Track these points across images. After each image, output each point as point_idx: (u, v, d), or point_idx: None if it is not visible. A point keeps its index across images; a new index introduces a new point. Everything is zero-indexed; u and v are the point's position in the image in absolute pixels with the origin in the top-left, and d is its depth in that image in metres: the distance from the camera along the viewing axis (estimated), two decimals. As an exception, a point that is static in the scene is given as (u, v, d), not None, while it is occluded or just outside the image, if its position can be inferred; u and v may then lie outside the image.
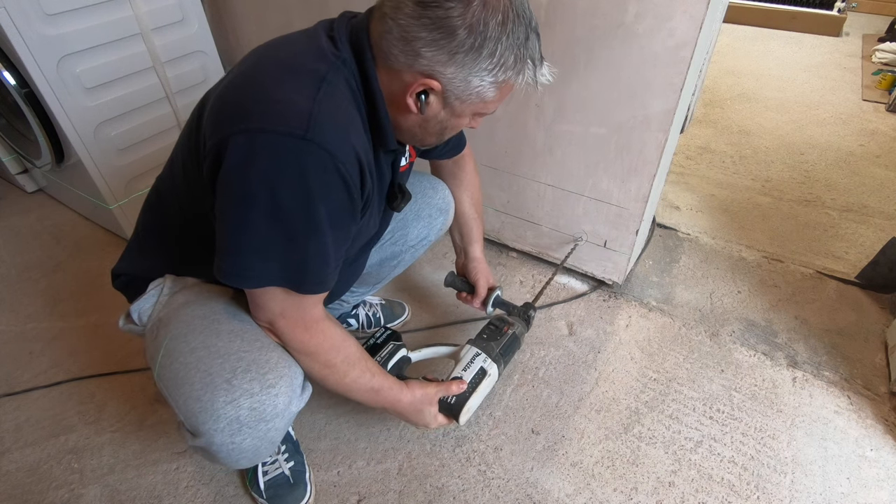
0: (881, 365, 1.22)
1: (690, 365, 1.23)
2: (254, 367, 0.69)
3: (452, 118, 0.70)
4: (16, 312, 1.38)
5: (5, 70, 1.24)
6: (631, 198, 1.22)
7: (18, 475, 1.03)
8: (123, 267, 0.87)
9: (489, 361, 0.97)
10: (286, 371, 0.72)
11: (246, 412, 0.67)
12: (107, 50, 1.36)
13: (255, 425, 0.69)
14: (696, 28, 0.94)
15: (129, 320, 0.81)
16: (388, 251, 1.09)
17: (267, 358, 0.71)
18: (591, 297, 1.42)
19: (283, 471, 0.97)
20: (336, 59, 0.65)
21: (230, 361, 0.69)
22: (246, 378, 0.68)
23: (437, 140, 0.77)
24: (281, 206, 0.61)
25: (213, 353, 0.69)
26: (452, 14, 0.59)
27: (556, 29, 1.08)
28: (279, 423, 0.72)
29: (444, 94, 0.66)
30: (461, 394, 0.92)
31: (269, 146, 0.59)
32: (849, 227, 1.68)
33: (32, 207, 1.78)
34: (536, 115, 1.23)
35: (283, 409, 0.71)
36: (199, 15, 1.56)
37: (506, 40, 0.62)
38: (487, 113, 0.72)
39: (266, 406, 0.69)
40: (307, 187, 0.60)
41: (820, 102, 2.47)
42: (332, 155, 0.60)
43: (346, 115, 0.65)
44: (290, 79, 0.63)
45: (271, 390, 0.69)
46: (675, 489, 1.00)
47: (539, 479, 1.02)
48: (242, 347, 0.70)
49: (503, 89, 0.67)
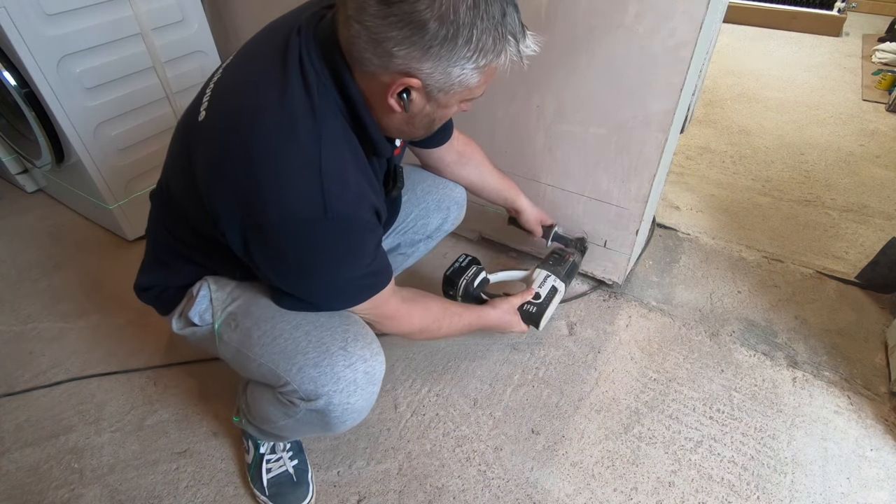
0: (881, 365, 1.22)
1: (690, 365, 1.23)
2: (360, 337, 0.77)
3: (439, 110, 0.69)
4: (16, 312, 1.38)
5: (5, 70, 1.24)
6: (631, 198, 1.22)
7: (18, 475, 1.03)
8: (150, 280, 0.88)
9: (558, 281, 1.16)
10: (378, 343, 0.80)
11: (361, 375, 0.75)
12: (107, 50, 1.36)
13: (367, 387, 0.76)
14: (696, 28, 0.94)
15: (188, 323, 0.84)
16: (408, 238, 1.13)
17: (366, 331, 0.79)
18: (591, 297, 1.42)
19: (287, 469, 0.98)
20: (317, 94, 0.63)
21: (339, 333, 0.76)
22: (358, 346, 0.75)
23: (427, 132, 0.77)
24: (326, 272, 0.69)
25: (319, 326, 0.76)
26: (419, 7, 0.55)
27: (556, 29, 1.08)
28: (379, 387, 0.80)
29: (426, 90, 0.63)
30: (540, 305, 1.10)
31: (300, 234, 0.63)
32: (849, 227, 1.68)
33: (32, 207, 1.78)
34: (536, 115, 1.23)
35: (382, 375, 0.79)
36: (199, 15, 1.56)
37: (481, 23, 0.58)
38: (475, 97, 0.70)
39: (376, 370, 0.77)
40: (347, 253, 0.68)
41: (820, 102, 2.47)
42: (355, 221, 0.66)
43: (349, 168, 0.66)
44: (288, 150, 0.62)
45: (379, 357, 0.78)
46: (675, 489, 1.00)
47: (539, 479, 1.02)
48: (345, 322, 0.78)
49: (487, 72, 0.65)
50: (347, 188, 0.65)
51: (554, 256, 1.22)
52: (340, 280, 0.72)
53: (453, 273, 1.11)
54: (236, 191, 0.63)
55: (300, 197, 0.62)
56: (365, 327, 0.80)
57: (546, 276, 1.15)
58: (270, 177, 0.61)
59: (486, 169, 1.17)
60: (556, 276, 1.16)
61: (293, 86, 0.63)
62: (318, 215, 0.62)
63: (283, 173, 0.62)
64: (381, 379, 0.79)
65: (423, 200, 1.11)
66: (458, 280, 1.09)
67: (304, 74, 0.63)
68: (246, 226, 0.64)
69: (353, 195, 0.66)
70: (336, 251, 0.67)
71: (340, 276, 0.71)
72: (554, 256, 1.22)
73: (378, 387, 0.79)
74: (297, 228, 0.63)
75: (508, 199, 1.22)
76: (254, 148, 0.62)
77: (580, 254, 1.27)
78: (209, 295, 0.83)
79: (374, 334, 0.81)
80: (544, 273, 1.16)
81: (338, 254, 0.68)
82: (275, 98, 0.62)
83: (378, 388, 0.79)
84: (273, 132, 0.62)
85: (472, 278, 1.10)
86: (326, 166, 0.62)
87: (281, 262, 0.68)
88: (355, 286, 0.75)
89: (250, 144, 0.62)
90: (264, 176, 0.62)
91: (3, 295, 1.44)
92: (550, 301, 1.12)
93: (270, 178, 0.61)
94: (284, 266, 0.69)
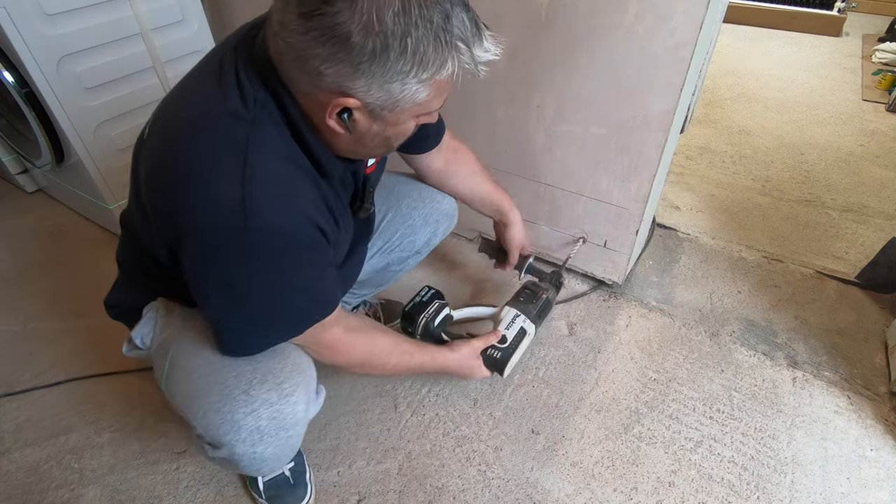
0: (881, 365, 1.22)
1: (690, 365, 1.23)
2: (270, 376, 0.69)
3: (390, 128, 0.62)
4: (16, 312, 1.38)
5: (5, 70, 1.24)
6: (631, 198, 1.22)
7: (18, 475, 1.03)
8: (114, 298, 0.87)
9: (528, 322, 1.05)
10: (301, 378, 0.72)
11: (266, 422, 0.68)
12: (107, 50, 1.36)
13: (276, 434, 0.69)
14: (696, 28, 0.94)
15: (132, 346, 0.83)
16: (396, 256, 1.09)
17: (281, 367, 0.71)
18: (591, 297, 1.42)
19: (283, 471, 0.97)
20: (254, 104, 0.59)
21: (245, 373, 0.69)
22: (263, 388, 0.68)
23: (388, 150, 0.70)
24: (258, 293, 0.62)
25: (227, 364, 0.69)
26: (340, 19, 0.49)
27: (556, 29, 1.08)
28: (299, 429, 0.73)
29: (367, 109, 0.57)
30: (505, 350, 1.00)
31: (221, 246, 0.58)
32: (849, 227, 1.68)
33: (32, 207, 1.78)
34: (536, 115, 1.23)
35: (302, 417, 0.72)
36: (199, 15, 1.56)
37: (416, 31, 0.50)
38: (433, 111, 0.63)
39: (285, 415, 0.69)
40: (273, 270, 0.60)
41: (820, 102, 2.47)
42: (282, 234, 0.59)
43: (281, 178, 0.60)
44: (214, 158, 0.58)
45: (289, 399, 0.69)
46: (675, 489, 1.00)
47: (539, 479, 1.02)
48: (257, 358, 0.70)
49: (437, 85, 0.57)
50: (277, 197, 0.59)
51: (525, 292, 1.12)
52: (271, 304, 0.64)
53: (413, 309, 1.02)
54: (164, 199, 0.61)
55: (219, 203, 0.56)
56: (282, 362, 0.72)
57: (515, 316, 1.05)
58: (193, 182, 0.58)
59: (476, 178, 1.07)
60: (526, 315, 1.06)
61: (229, 97, 0.59)
62: (237, 224, 0.56)
63: (204, 177, 0.57)
64: (297, 421, 0.72)
65: (410, 217, 1.05)
66: (418, 317, 1.00)
67: (240, 86, 0.59)
68: (173, 237, 0.61)
69: (283, 206, 0.59)
70: (261, 268, 0.60)
71: (271, 299, 0.64)
72: (525, 292, 1.12)
73: (295, 430, 0.72)
74: (215, 239, 0.58)
75: (500, 210, 1.10)
76: (181, 153, 0.59)
77: (555, 289, 1.16)
78: (155, 318, 0.79)
79: (298, 367, 0.73)
80: (513, 312, 1.06)
81: (263, 272, 0.60)
82: (209, 107, 0.60)
83: (295, 431, 0.72)
84: (202, 138, 0.59)
85: (434, 315, 1.01)
86: (251, 172, 0.57)
87: (202, 279, 0.62)
88: (290, 313, 0.67)
89: (178, 150, 0.60)
90: (187, 181, 0.58)
91: (3, 295, 1.44)
92: (517, 345, 1.02)
93: (193, 183, 0.58)
94: (206, 285, 0.63)
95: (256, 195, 0.57)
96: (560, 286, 1.18)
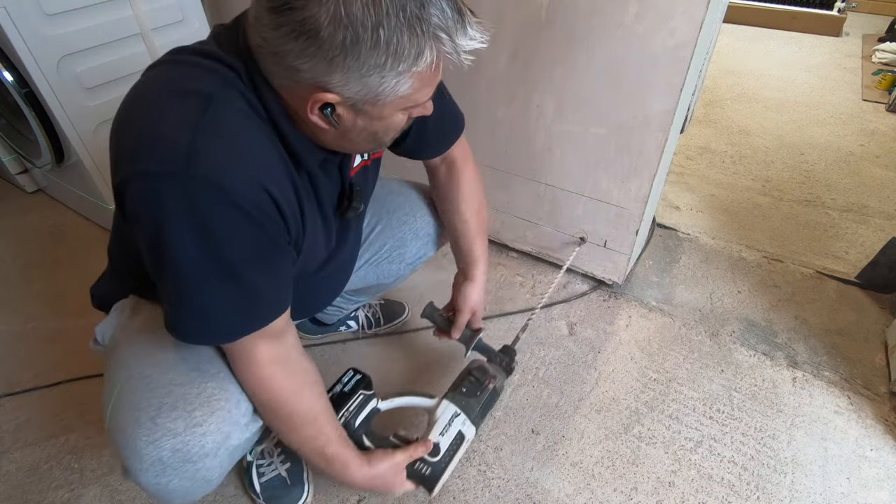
0: (881, 365, 1.22)
1: (690, 365, 1.23)
2: (181, 402, 0.62)
3: (376, 122, 0.58)
4: (16, 312, 1.38)
5: (5, 70, 1.24)
6: (631, 198, 1.22)
7: (18, 475, 1.03)
8: (98, 288, 0.83)
9: (468, 424, 0.88)
10: (221, 405, 0.64)
11: (168, 453, 0.61)
12: (107, 50, 1.36)
13: (181, 466, 0.62)
14: (696, 28, 0.94)
15: (96, 341, 0.79)
16: (385, 269, 1.03)
17: (199, 391, 0.63)
18: (591, 297, 1.42)
19: (280, 472, 0.97)
20: (228, 73, 0.56)
21: (158, 395, 0.62)
22: (171, 416, 0.61)
23: (378, 145, 0.65)
24: (183, 255, 0.54)
25: (145, 384, 0.63)
26: (308, 13, 0.48)
27: (556, 29, 1.08)
28: (211, 461, 0.65)
29: (348, 104, 0.54)
30: (437, 464, 0.83)
31: (153, 191, 0.52)
32: (849, 227, 1.68)
33: (32, 207, 1.78)
34: (536, 115, 1.23)
35: (216, 448, 0.64)
36: (199, 15, 1.56)
37: (388, 21, 0.48)
38: (421, 103, 0.59)
39: (191, 447, 0.62)
40: (203, 229, 0.53)
41: (820, 102, 2.47)
42: (223, 189, 0.52)
43: (240, 139, 0.55)
44: (173, 105, 0.54)
45: (197, 429, 0.62)
46: (675, 489, 1.00)
47: (539, 479, 1.02)
48: (176, 379, 0.64)
49: (420, 75, 0.53)
50: (231, 154, 0.53)
51: (470, 380, 0.95)
52: (196, 274, 0.55)
53: (331, 401, 0.82)
54: (118, 145, 0.57)
55: (165, 143, 0.52)
56: (203, 385, 0.64)
57: (453, 416, 0.88)
58: (146, 121, 0.54)
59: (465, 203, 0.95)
60: (467, 414, 0.89)
61: (202, 66, 0.56)
62: (176, 170, 0.51)
63: (158, 117, 0.54)
64: (207, 453, 0.63)
65: (399, 231, 1.00)
66: (336, 413, 0.82)
67: (217, 63, 0.56)
68: (118, 187, 0.55)
69: (235, 163, 0.53)
70: (192, 228, 0.53)
71: (197, 268, 0.55)
72: (470, 380, 0.95)
73: (204, 462, 0.64)
74: (152, 183, 0.52)
75: (470, 257, 0.97)
76: (144, 101, 0.57)
77: (504, 374, 1.00)
78: (119, 316, 0.75)
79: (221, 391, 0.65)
80: (452, 410, 0.89)
81: (191, 230, 0.53)
82: (179, 69, 0.58)
83: (204, 463, 0.64)
84: (167, 87, 0.56)
85: (356, 412, 0.84)
86: (209, 120, 0.52)
87: (138, 231, 0.55)
88: (216, 295, 0.57)
89: (143, 97, 0.57)
90: (140, 119, 0.55)
91: (3, 295, 1.44)
92: (452, 456, 0.85)
93: (145, 122, 0.54)
94: (140, 238, 0.56)
95: (207, 144, 0.52)
96: (511, 369, 1.02)
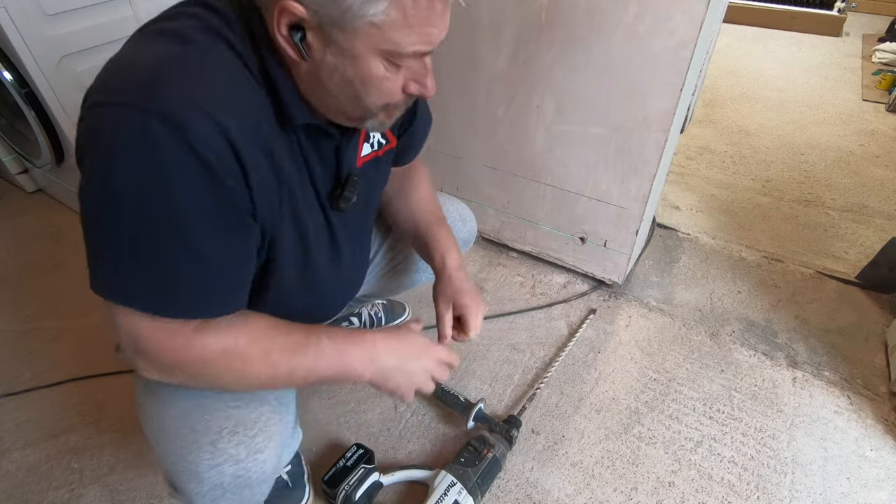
0: (881, 365, 1.22)
1: (690, 365, 1.23)
2: (241, 427, 0.62)
3: (348, 61, 0.51)
4: (16, 312, 1.38)
5: (5, 70, 1.24)
6: (631, 198, 1.22)
7: (18, 475, 1.03)
8: None
9: (464, 493, 0.90)
10: (277, 429, 0.65)
11: (230, 479, 0.61)
12: (107, 50, 1.36)
13: (239, 491, 0.63)
14: (696, 28, 0.94)
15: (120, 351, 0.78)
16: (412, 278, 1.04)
17: (258, 415, 0.63)
18: (591, 297, 1.42)
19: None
20: (216, 19, 0.51)
21: (217, 419, 0.61)
22: (232, 442, 0.61)
23: (357, 106, 0.56)
24: (123, 200, 0.47)
25: (201, 406, 0.62)
26: None
27: (556, 29, 1.08)
28: (266, 486, 0.66)
29: (316, 22, 0.48)
30: None
31: (107, 123, 0.47)
32: (849, 227, 1.68)
33: (32, 207, 1.78)
34: (536, 115, 1.23)
35: (270, 474, 0.65)
36: (199, 15, 1.56)
37: None
38: (405, 52, 0.51)
39: (252, 473, 0.62)
40: (151, 172, 0.47)
41: (820, 102, 2.47)
42: (180, 128, 0.46)
43: (219, 81, 0.49)
44: (151, 46, 0.50)
45: (259, 456, 0.62)
46: (675, 489, 1.00)
47: (539, 479, 1.02)
48: (231, 402, 0.63)
49: (401, 6, 0.48)
50: (200, 94, 0.47)
51: (468, 450, 0.97)
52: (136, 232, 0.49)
53: (333, 477, 0.90)
54: (90, 88, 0.51)
55: (131, 75, 0.48)
56: (260, 408, 0.63)
57: (450, 486, 0.91)
58: (109, 66, 0.51)
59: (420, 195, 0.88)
60: (464, 484, 0.91)
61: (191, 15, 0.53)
62: (135, 103, 0.46)
63: (122, 58, 0.50)
64: (265, 479, 0.64)
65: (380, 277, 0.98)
66: (337, 488, 0.88)
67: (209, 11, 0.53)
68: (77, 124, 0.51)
69: (204, 105, 0.47)
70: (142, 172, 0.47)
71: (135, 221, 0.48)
72: (468, 450, 0.97)
73: (260, 488, 0.65)
74: (108, 119, 0.47)
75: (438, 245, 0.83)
76: (125, 46, 0.53)
77: (507, 443, 1.01)
78: None
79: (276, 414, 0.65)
80: (449, 480, 0.92)
81: (143, 175, 0.47)
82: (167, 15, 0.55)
83: (260, 489, 0.65)
84: (151, 30, 0.53)
85: (356, 485, 0.89)
86: (179, 59, 0.48)
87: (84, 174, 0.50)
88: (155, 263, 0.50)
89: (126, 44, 0.53)
90: (115, 62, 0.51)
91: (4, 295, 1.44)
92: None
93: (108, 67, 0.50)
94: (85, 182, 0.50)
95: (170, 78, 0.47)
96: (512, 438, 1.02)
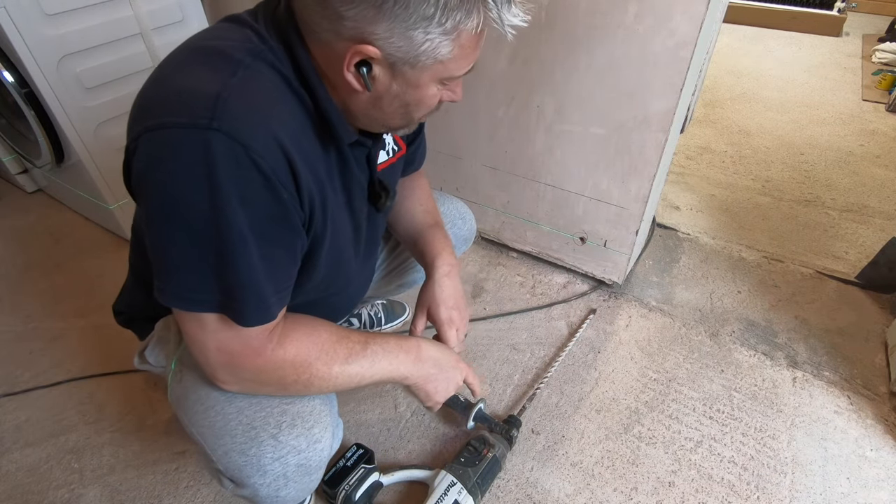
0: (881, 365, 1.22)
1: (690, 365, 1.23)
2: (299, 420, 0.66)
3: (411, 90, 0.58)
4: (16, 312, 1.38)
5: (5, 70, 1.24)
6: (631, 198, 1.22)
7: (18, 475, 1.03)
8: (121, 304, 0.82)
9: (464, 493, 0.91)
10: (328, 420, 0.70)
11: (293, 469, 0.66)
12: (107, 50, 1.36)
13: (301, 479, 0.68)
14: (696, 28, 0.94)
15: (144, 360, 0.80)
16: (414, 276, 1.07)
17: (311, 408, 0.68)
18: (591, 297, 1.42)
19: None
20: (259, 43, 0.55)
21: (274, 415, 0.65)
22: (293, 434, 0.65)
23: (405, 121, 0.63)
24: (192, 212, 0.51)
25: (254, 403, 0.66)
26: None
27: (557, 29, 1.08)
28: (321, 473, 0.72)
29: (388, 62, 0.53)
30: None
31: (170, 143, 0.50)
32: (849, 227, 1.68)
33: (32, 207, 1.78)
34: (536, 115, 1.23)
35: (326, 459, 0.71)
36: (199, 15, 1.56)
37: None
38: (458, 76, 0.59)
39: (312, 461, 0.67)
40: (217, 187, 0.50)
41: (820, 102, 2.47)
42: (243, 146, 0.49)
43: (269, 100, 0.54)
44: (201, 66, 0.53)
45: (317, 445, 0.67)
46: (675, 489, 1.00)
47: (539, 479, 1.02)
48: (285, 399, 0.67)
49: (462, 41, 0.53)
50: (252, 112, 0.51)
51: (468, 450, 0.98)
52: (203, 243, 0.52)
53: (333, 478, 0.91)
54: (138, 108, 0.54)
55: (192, 94, 0.50)
56: (311, 402, 0.68)
57: (450, 486, 0.92)
58: (173, 74, 0.53)
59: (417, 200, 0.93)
60: (464, 483, 0.92)
61: (235, 33, 0.56)
62: (199, 123, 0.49)
63: (186, 70, 0.53)
64: (321, 466, 0.70)
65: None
66: (337, 488, 0.89)
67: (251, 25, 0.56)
68: (129, 145, 0.53)
69: (261, 123, 0.51)
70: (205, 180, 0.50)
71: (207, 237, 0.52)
72: (468, 450, 0.98)
73: (318, 473, 0.71)
74: (172, 138, 0.50)
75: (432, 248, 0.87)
76: (170, 65, 0.55)
77: (507, 443, 1.01)
78: (168, 336, 0.75)
79: (325, 405, 0.70)
80: (448, 480, 0.92)
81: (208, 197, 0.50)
82: (208, 37, 0.57)
83: (318, 474, 0.71)
84: (195, 52, 0.55)
85: (356, 484, 0.90)
86: (243, 75, 0.52)
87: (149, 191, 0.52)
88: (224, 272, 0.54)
89: (170, 62, 0.56)
90: (167, 83, 0.53)
91: (3, 295, 1.44)
92: None
93: (172, 75, 0.53)
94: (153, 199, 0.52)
95: (233, 99, 0.50)
96: (513, 438, 1.03)
